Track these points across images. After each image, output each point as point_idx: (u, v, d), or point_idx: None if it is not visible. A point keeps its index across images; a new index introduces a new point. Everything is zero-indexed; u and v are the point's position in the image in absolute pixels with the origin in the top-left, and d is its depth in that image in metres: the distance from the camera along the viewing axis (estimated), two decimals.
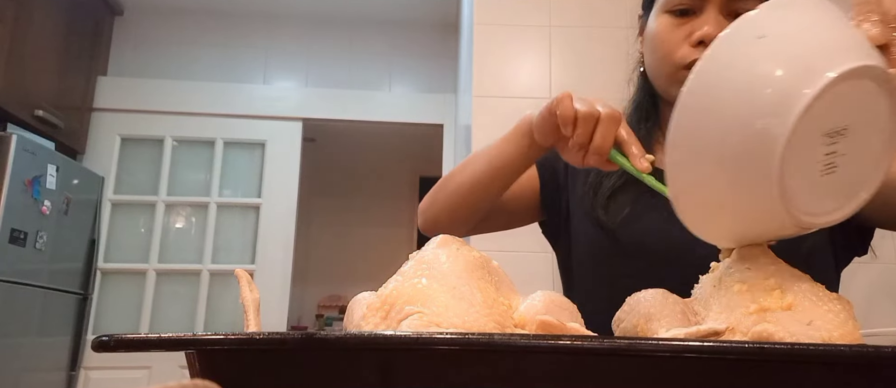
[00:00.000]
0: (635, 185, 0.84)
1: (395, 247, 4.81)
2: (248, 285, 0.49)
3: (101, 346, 0.39)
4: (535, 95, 2.11)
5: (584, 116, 0.68)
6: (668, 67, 0.83)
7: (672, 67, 0.83)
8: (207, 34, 3.55)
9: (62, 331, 2.86)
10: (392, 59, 3.61)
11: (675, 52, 0.82)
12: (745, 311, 0.45)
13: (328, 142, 4.50)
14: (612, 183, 0.87)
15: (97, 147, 3.23)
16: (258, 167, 3.34)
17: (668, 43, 0.82)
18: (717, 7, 0.79)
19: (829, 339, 0.42)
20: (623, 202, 0.85)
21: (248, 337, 0.38)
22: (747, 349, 0.36)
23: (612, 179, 0.87)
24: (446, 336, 0.37)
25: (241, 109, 3.34)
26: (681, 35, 0.81)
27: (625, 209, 0.84)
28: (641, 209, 0.84)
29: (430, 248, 0.51)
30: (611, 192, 0.86)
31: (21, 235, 2.51)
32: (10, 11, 2.60)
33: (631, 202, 0.85)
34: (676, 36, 0.82)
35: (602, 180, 0.88)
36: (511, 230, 0.99)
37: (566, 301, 0.50)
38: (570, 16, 2.18)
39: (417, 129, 3.52)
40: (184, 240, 3.27)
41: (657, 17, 0.85)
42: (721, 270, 0.52)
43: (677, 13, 0.82)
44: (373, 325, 0.46)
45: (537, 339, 0.37)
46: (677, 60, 0.82)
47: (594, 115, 0.68)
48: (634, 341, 0.37)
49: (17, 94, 2.67)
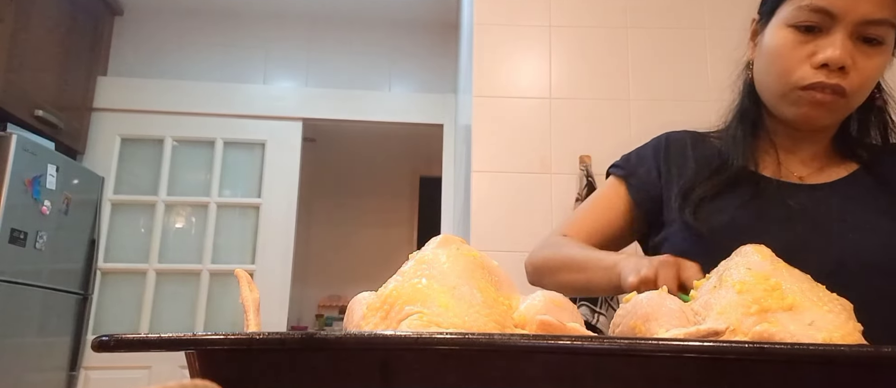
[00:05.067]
0: (732, 193, 0.83)
1: (395, 247, 4.80)
2: (248, 285, 0.49)
3: (101, 346, 0.39)
4: (535, 95, 2.11)
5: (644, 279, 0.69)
6: (782, 86, 0.80)
7: (788, 87, 0.79)
8: (207, 34, 3.54)
9: (62, 331, 2.86)
10: (392, 59, 3.61)
11: (794, 71, 0.78)
12: (745, 311, 0.45)
13: (328, 142, 4.49)
14: (704, 190, 0.85)
15: (97, 147, 3.23)
16: (258, 167, 3.34)
17: (787, 60, 0.78)
18: (847, 30, 0.75)
19: (830, 339, 0.42)
20: (719, 208, 0.83)
21: (248, 337, 0.38)
22: (747, 349, 0.36)
23: (705, 188, 0.85)
24: (446, 336, 0.37)
25: (241, 109, 3.33)
26: (803, 54, 0.77)
27: (722, 216, 0.81)
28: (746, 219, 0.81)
29: (430, 248, 0.51)
30: (700, 198, 0.84)
31: (21, 235, 2.51)
32: (10, 11, 2.60)
33: (731, 209, 0.82)
34: (798, 54, 0.78)
35: (694, 186, 0.86)
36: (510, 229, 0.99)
37: (566, 301, 0.50)
38: (570, 16, 2.18)
39: (417, 129, 3.52)
40: (184, 240, 3.27)
41: (778, 29, 0.80)
42: (721, 270, 0.52)
43: (802, 29, 0.78)
44: (373, 325, 0.46)
45: (537, 339, 0.37)
46: (795, 80, 0.78)
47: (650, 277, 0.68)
48: (634, 341, 0.37)
49: (17, 94, 2.67)
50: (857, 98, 0.79)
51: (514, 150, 2.06)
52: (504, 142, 2.07)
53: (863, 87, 0.78)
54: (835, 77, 0.76)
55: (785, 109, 0.82)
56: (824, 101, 0.77)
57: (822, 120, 0.81)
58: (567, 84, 2.12)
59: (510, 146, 2.06)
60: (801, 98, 0.79)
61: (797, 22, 0.78)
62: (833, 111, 0.79)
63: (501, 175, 2.04)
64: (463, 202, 2.40)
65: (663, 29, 2.16)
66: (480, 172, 2.04)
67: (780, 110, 0.83)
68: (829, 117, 0.81)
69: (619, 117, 2.09)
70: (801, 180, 0.86)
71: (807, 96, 0.78)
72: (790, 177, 0.86)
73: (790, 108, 0.81)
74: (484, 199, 2.01)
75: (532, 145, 2.05)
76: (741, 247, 0.54)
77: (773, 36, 0.81)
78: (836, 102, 0.78)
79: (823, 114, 0.79)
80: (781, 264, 0.50)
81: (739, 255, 0.53)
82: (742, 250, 0.53)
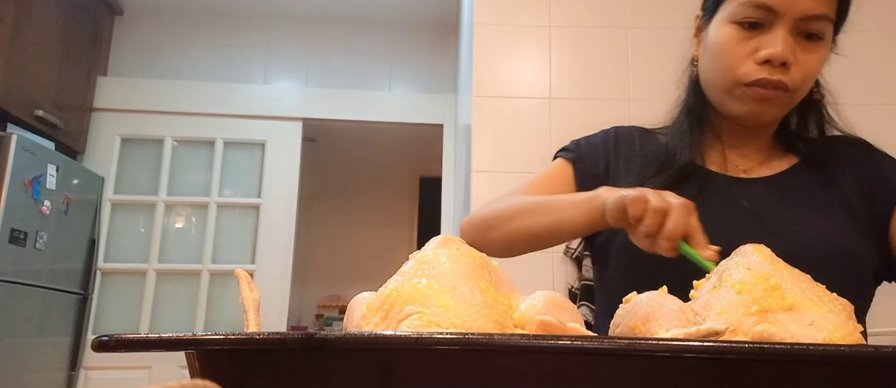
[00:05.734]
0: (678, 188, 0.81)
1: (395, 247, 4.81)
2: (247, 285, 0.49)
3: (101, 346, 0.39)
4: (535, 95, 2.11)
5: (655, 209, 0.66)
6: (727, 82, 0.81)
7: (732, 83, 0.80)
8: (207, 34, 3.54)
9: (62, 331, 2.86)
10: (392, 59, 3.61)
11: (737, 67, 0.79)
12: (745, 311, 0.45)
13: (328, 142, 4.49)
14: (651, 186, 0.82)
15: (97, 147, 3.23)
16: (258, 167, 3.34)
17: (731, 56, 0.79)
18: (788, 26, 0.76)
19: (830, 339, 0.42)
20: None
21: (248, 337, 0.38)
22: (747, 349, 0.36)
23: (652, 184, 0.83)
24: (446, 336, 0.37)
25: (241, 109, 3.33)
26: (746, 50, 0.78)
27: None
28: None
29: (430, 248, 0.51)
30: None
31: (21, 235, 2.51)
32: (10, 11, 2.60)
33: None
34: (741, 50, 0.78)
35: (642, 183, 0.84)
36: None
37: (566, 301, 0.50)
38: (570, 16, 2.18)
39: (417, 129, 3.52)
40: (184, 240, 3.27)
41: (721, 26, 0.81)
42: (721, 271, 0.52)
43: (745, 25, 0.78)
44: (373, 325, 0.46)
45: (537, 339, 0.37)
46: (739, 77, 0.79)
47: (664, 207, 0.66)
48: (634, 341, 0.37)
49: (17, 94, 2.67)
50: (799, 93, 0.80)
51: (514, 150, 2.06)
52: (504, 142, 2.07)
53: (805, 81, 0.79)
54: (778, 73, 0.77)
55: (730, 104, 0.83)
56: (768, 96, 0.78)
57: (766, 115, 0.83)
58: (567, 84, 2.12)
59: (510, 146, 2.06)
60: (745, 94, 0.80)
61: (740, 18, 0.79)
62: (777, 106, 0.81)
63: (501, 175, 2.04)
64: (463, 202, 2.40)
65: (663, 29, 2.16)
66: (480, 172, 2.04)
67: (725, 106, 0.84)
68: (774, 113, 0.83)
69: (619, 117, 2.08)
70: (746, 174, 0.87)
71: (751, 92, 0.79)
72: (735, 171, 0.87)
73: (735, 104, 0.82)
74: (484, 199, 2.01)
75: (532, 145, 2.05)
76: (740, 247, 0.54)
77: (717, 32, 0.82)
78: (779, 98, 0.79)
79: (768, 109, 0.81)
80: (781, 263, 0.50)
81: (739, 254, 0.53)
82: (741, 250, 0.53)
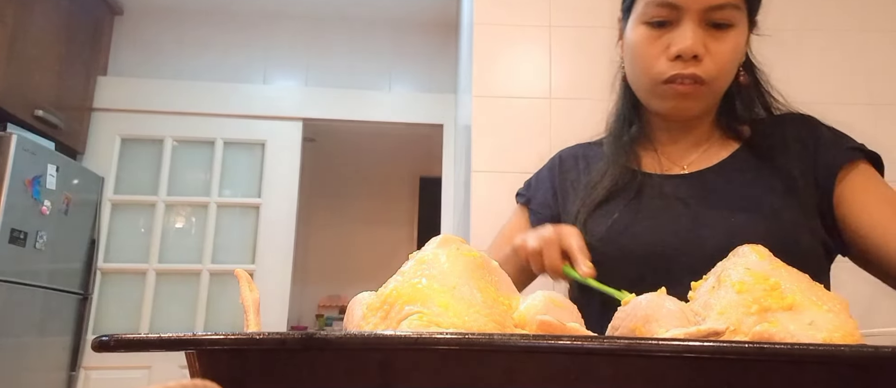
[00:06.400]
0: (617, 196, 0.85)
1: (395, 247, 4.81)
2: (247, 285, 0.49)
3: (101, 346, 0.39)
4: (535, 95, 2.11)
5: (531, 251, 0.74)
6: (647, 82, 0.82)
7: (651, 82, 0.82)
8: (207, 34, 3.54)
9: (62, 331, 2.86)
10: (392, 59, 3.61)
11: (653, 66, 0.80)
12: (745, 311, 0.45)
13: (328, 142, 4.49)
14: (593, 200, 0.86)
15: (97, 147, 3.23)
16: (258, 167, 3.34)
17: (646, 56, 0.81)
18: (694, 19, 0.78)
19: (830, 339, 0.42)
20: (604, 213, 0.84)
21: (248, 337, 0.38)
22: (747, 349, 0.36)
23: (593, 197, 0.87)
24: (446, 336, 0.37)
25: (241, 109, 3.33)
26: (658, 48, 0.80)
27: (606, 221, 0.83)
28: (627, 219, 0.83)
29: (430, 248, 0.51)
30: (590, 209, 0.86)
31: (21, 235, 2.51)
32: (10, 11, 2.60)
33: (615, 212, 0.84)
34: (654, 49, 0.80)
35: (585, 199, 0.88)
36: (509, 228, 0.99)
37: (566, 301, 0.50)
38: (570, 16, 2.18)
39: (417, 129, 3.52)
40: (184, 240, 3.27)
41: (635, 28, 0.83)
42: (719, 271, 0.52)
43: (655, 25, 0.80)
44: (373, 325, 0.46)
45: (537, 339, 0.37)
46: (655, 75, 0.80)
47: (538, 247, 0.73)
48: (634, 341, 0.37)
49: (17, 94, 2.67)
50: (718, 83, 0.81)
51: (514, 150, 2.06)
52: (504, 142, 2.07)
53: (721, 71, 0.79)
54: (690, 67, 0.78)
55: (654, 103, 0.84)
56: (686, 91, 0.79)
57: (690, 110, 0.83)
58: (567, 84, 2.12)
59: (510, 146, 2.06)
60: (665, 92, 0.81)
61: (649, 18, 0.80)
62: (698, 100, 0.82)
63: (501, 175, 2.04)
64: (463, 202, 2.40)
65: None
66: (480, 172, 2.04)
67: (651, 105, 0.85)
68: (697, 106, 0.83)
69: None
70: (685, 170, 0.87)
71: (670, 90, 0.80)
72: (673, 169, 0.88)
73: (658, 102, 0.83)
74: (484, 199, 2.01)
75: (532, 145, 2.05)
76: (738, 247, 0.54)
77: (632, 34, 0.83)
78: (697, 91, 0.80)
79: (690, 104, 0.82)
80: (779, 263, 0.50)
81: (736, 255, 0.53)
82: (739, 251, 0.53)
